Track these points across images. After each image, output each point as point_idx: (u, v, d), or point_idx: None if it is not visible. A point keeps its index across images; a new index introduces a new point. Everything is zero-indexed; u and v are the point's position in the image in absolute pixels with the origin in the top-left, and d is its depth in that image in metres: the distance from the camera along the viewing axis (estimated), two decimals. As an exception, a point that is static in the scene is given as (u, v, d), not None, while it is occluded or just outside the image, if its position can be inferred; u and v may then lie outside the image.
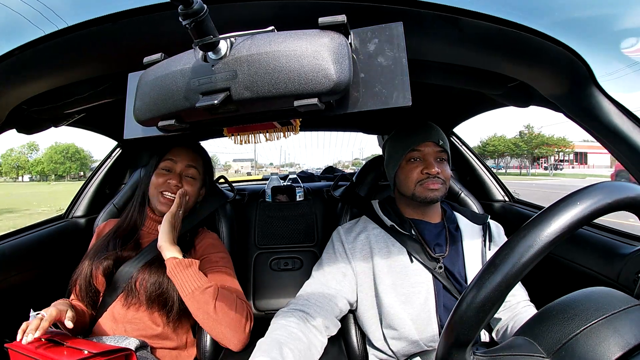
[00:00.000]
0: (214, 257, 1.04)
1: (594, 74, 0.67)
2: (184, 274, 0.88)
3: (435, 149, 0.96)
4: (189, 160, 1.04)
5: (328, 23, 0.46)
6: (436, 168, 0.94)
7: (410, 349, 0.91)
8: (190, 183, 1.04)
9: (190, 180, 1.04)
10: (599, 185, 0.42)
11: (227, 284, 0.98)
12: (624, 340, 0.41)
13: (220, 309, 0.87)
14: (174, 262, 0.88)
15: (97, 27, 0.60)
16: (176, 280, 0.88)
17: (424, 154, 0.96)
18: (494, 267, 0.40)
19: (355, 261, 0.97)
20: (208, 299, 0.87)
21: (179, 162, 1.03)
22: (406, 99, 0.45)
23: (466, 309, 0.40)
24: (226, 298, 0.90)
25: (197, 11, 0.40)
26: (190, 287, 0.87)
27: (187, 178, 1.04)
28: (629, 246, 0.95)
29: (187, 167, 1.04)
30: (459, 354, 0.41)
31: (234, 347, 0.90)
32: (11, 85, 0.74)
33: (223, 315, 0.87)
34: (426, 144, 0.96)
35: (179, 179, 1.02)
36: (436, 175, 0.94)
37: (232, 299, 0.91)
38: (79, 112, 1.02)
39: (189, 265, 0.89)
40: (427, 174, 0.94)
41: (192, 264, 0.89)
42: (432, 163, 0.95)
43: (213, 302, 0.87)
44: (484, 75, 0.79)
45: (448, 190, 1.26)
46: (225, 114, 0.49)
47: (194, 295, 0.87)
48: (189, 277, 0.88)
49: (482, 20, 0.59)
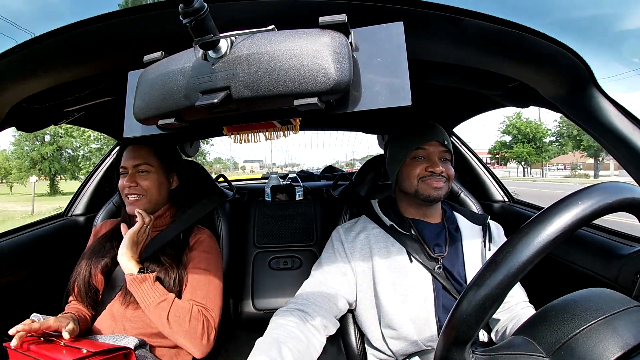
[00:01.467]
0: (198, 255, 1.04)
1: (594, 75, 0.68)
2: (140, 288, 0.91)
3: (440, 148, 0.97)
4: (135, 158, 1.04)
5: (328, 22, 0.45)
6: (440, 167, 0.94)
7: (409, 349, 0.91)
8: (145, 177, 1.04)
9: (145, 175, 1.04)
10: (600, 186, 0.42)
11: (196, 290, 0.98)
12: (623, 340, 0.41)
13: (173, 322, 0.90)
14: (130, 278, 0.91)
15: (98, 25, 0.60)
16: (135, 294, 0.91)
17: (428, 152, 0.96)
18: (495, 264, 0.40)
19: (355, 261, 0.97)
20: (161, 312, 0.89)
21: (127, 163, 1.04)
22: (406, 98, 0.45)
23: (467, 306, 0.40)
24: (180, 311, 0.91)
25: (198, 10, 0.40)
26: (146, 302, 0.90)
27: (140, 174, 1.04)
28: (627, 247, 0.95)
29: (137, 165, 1.04)
30: (458, 353, 0.41)
31: (196, 355, 0.93)
32: (11, 83, 0.74)
33: (177, 327, 0.90)
34: (431, 143, 0.96)
35: (132, 178, 1.03)
36: (440, 174, 0.94)
37: (187, 311, 0.92)
38: (78, 110, 1.02)
39: (143, 281, 0.91)
40: (431, 172, 0.94)
41: (146, 278, 0.91)
42: (436, 162, 0.95)
43: (166, 315, 0.89)
44: (484, 75, 0.79)
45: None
46: (225, 113, 0.49)
47: (149, 309, 0.90)
48: (143, 292, 0.90)
49: (482, 21, 0.59)
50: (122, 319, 0.97)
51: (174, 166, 1.12)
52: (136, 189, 1.02)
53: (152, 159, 1.06)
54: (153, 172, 1.05)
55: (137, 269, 0.92)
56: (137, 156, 1.04)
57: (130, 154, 1.05)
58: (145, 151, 1.05)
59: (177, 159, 1.15)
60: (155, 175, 1.06)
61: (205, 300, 0.97)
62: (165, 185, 1.08)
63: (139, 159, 1.04)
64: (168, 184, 1.10)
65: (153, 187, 1.05)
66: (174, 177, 1.12)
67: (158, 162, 1.07)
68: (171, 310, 0.90)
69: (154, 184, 1.05)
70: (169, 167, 1.10)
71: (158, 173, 1.06)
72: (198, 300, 0.96)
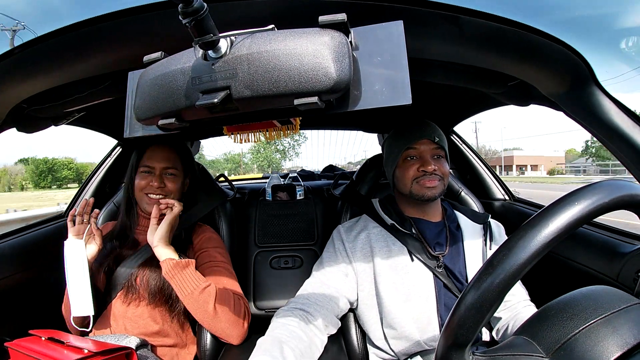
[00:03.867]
0: (212, 252, 1.05)
1: (594, 73, 0.67)
2: (182, 275, 0.88)
3: (431, 146, 0.96)
4: (166, 161, 1.04)
5: (328, 21, 0.45)
6: (433, 165, 0.94)
7: (411, 349, 0.91)
8: (172, 180, 1.05)
9: (172, 178, 1.05)
10: (599, 184, 0.42)
11: (224, 281, 0.98)
12: (623, 340, 0.41)
13: (219, 308, 0.88)
14: (172, 264, 0.89)
15: (97, 26, 0.60)
16: (174, 281, 0.89)
17: (420, 151, 0.96)
18: (491, 267, 0.40)
19: (356, 260, 0.97)
20: (207, 298, 0.88)
21: (156, 164, 1.04)
22: (406, 97, 0.45)
23: (464, 310, 0.40)
24: (224, 296, 0.91)
25: (197, 10, 0.40)
26: (189, 288, 0.88)
27: (168, 176, 1.05)
28: (628, 245, 0.95)
29: (166, 168, 1.04)
30: (458, 355, 0.41)
31: (234, 342, 0.92)
32: (11, 83, 0.74)
33: (222, 313, 0.89)
34: (422, 142, 0.96)
35: (160, 179, 1.03)
36: (433, 172, 0.94)
37: (230, 297, 0.92)
38: (79, 110, 1.02)
39: (186, 266, 0.89)
40: (423, 172, 0.94)
41: (189, 264, 0.90)
42: (428, 160, 0.94)
43: (212, 302, 0.88)
44: (484, 73, 0.79)
45: (448, 189, 1.26)
46: (225, 113, 0.49)
47: (193, 296, 0.88)
48: (186, 278, 0.88)
49: (482, 19, 0.59)
50: (123, 318, 0.97)
51: (190, 169, 1.13)
52: (163, 190, 1.02)
53: (179, 163, 1.07)
54: (178, 175, 1.06)
55: (176, 254, 0.91)
56: (166, 159, 1.05)
57: (159, 156, 1.04)
58: (173, 154, 1.06)
59: (193, 162, 1.16)
60: (179, 178, 1.07)
61: (234, 288, 0.98)
62: (182, 188, 1.10)
63: (168, 162, 1.04)
64: (184, 186, 1.11)
65: (177, 190, 1.06)
66: (188, 181, 1.13)
67: (182, 166, 1.08)
68: (217, 295, 0.89)
69: (178, 186, 1.06)
70: (187, 170, 1.11)
71: (181, 176, 1.08)
72: (229, 289, 0.97)
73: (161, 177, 1.03)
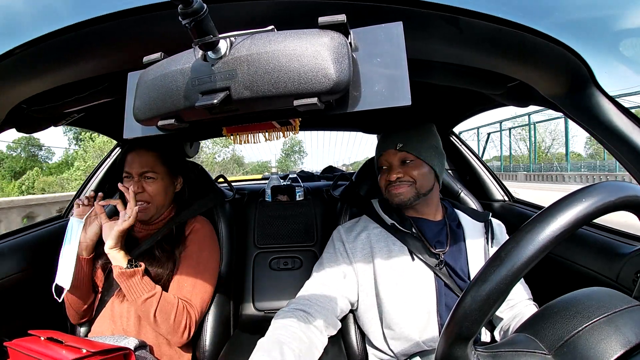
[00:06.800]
0: (189, 246, 1.05)
1: (594, 74, 0.67)
2: (128, 282, 0.91)
3: (395, 155, 0.97)
4: (142, 165, 1.03)
5: (328, 22, 0.45)
6: (394, 174, 0.95)
7: (411, 349, 0.91)
8: (151, 183, 1.04)
9: (151, 181, 1.04)
10: (601, 185, 0.42)
11: (186, 286, 1.00)
12: (626, 338, 0.41)
13: (159, 318, 0.92)
14: (119, 271, 0.91)
15: (97, 27, 0.60)
16: (122, 285, 0.92)
17: (388, 161, 0.99)
18: (499, 260, 0.40)
19: (356, 261, 0.97)
20: (148, 308, 0.91)
21: (132, 169, 1.03)
22: (406, 98, 0.45)
23: (471, 301, 0.40)
24: (166, 308, 0.93)
25: (197, 10, 0.40)
26: (133, 296, 0.91)
27: (147, 180, 1.04)
28: (628, 246, 0.95)
29: (142, 173, 1.03)
30: (461, 349, 0.41)
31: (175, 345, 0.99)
32: (11, 84, 0.74)
33: (161, 323, 0.93)
34: (388, 152, 0.99)
35: (139, 184, 1.02)
36: (398, 180, 0.95)
37: (172, 309, 0.94)
38: (78, 111, 1.02)
39: (132, 275, 0.91)
40: (388, 181, 0.97)
41: (135, 273, 0.92)
42: (393, 169, 0.97)
43: (153, 312, 0.91)
44: (483, 75, 0.79)
45: (448, 190, 1.26)
46: (224, 114, 0.49)
47: (136, 303, 0.92)
48: (132, 286, 0.91)
49: (482, 20, 0.59)
50: (120, 317, 0.97)
51: (179, 169, 1.12)
52: (143, 196, 1.02)
53: (158, 166, 1.05)
54: (159, 178, 1.05)
55: (125, 262, 0.92)
56: (143, 163, 1.03)
57: (136, 160, 1.03)
58: (151, 158, 1.05)
59: (182, 162, 1.15)
60: (161, 181, 1.06)
61: (190, 294, 0.99)
62: (171, 189, 1.09)
63: (144, 167, 1.03)
64: (173, 187, 1.11)
65: (159, 193, 1.05)
66: (179, 180, 1.12)
67: (164, 169, 1.06)
68: (158, 306, 0.92)
69: (160, 189, 1.05)
70: (174, 171, 1.10)
71: (164, 179, 1.06)
72: (183, 295, 0.98)
73: (139, 182, 1.03)
